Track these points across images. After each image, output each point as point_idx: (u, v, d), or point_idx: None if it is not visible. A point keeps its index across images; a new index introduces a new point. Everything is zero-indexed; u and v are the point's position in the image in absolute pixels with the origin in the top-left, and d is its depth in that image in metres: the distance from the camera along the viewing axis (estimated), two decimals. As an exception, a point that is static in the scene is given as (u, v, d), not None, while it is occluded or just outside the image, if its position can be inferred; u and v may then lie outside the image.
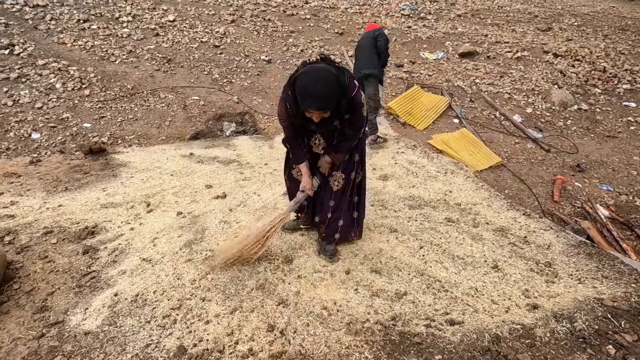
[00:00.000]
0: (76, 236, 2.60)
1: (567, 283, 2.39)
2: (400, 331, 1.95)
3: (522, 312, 2.12)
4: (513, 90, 7.00)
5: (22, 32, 6.64)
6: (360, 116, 1.96)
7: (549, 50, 8.21)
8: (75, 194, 3.20)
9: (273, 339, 1.88)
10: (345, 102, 1.84)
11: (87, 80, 5.89)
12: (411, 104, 6.21)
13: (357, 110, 1.92)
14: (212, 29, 7.97)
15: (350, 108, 1.89)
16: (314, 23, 9.01)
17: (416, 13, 10.06)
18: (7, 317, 1.95)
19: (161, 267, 2.34)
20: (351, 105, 1.87)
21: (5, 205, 2.96)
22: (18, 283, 2.17)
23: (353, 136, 2.07)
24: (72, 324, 1.93)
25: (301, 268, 2.39)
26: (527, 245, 2.78)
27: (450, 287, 2.29)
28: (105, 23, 7.44)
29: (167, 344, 1.82)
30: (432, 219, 3.03)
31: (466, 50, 8.15)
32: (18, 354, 1.76)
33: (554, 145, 5.65)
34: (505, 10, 10.62)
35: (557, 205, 4.66)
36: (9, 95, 5.29)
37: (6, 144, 4.65)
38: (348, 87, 1.83)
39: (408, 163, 4.13)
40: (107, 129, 5.12)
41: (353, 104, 1.87)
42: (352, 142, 2.11)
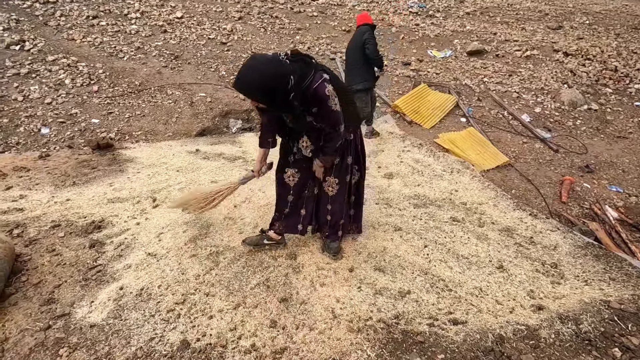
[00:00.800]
0: (83, 230, 2.64)
1: (573, 284, 2.36)
2: (403, 330, 1.95)
3: (526, 312, 2.10)
4: (522, 89, 6.91)
5: (33, 28, 6.72)
6: (329, 110, 1.86)
7: (559, 49, 8.09)
8: (82, 188, 3.24)
9: (275, 335, 1.89)
10: (299, 96, 1.78)
11: (95, 76, 5.95)
12: (418, 102, 6.17)
13: (322, 103, 1.82)
14: (220, 26, 7.98)
15: (314, 101, 1.82)
16: (321, 20, 8.98)
17: (424, 11, 9.98)
18: (15, 308, 1.99)
19: (166, 262, 2.36)
20: (314, 97, 1.80)
21: (15, 199, 3.01)
22: (26, 275, 2.21)
23: (333, 135, 1.97)
24: (78, 316, 1.96)
25: (305, 265, 2.39)
26: (533, 246, 2.76)
27: (454, 287, 2.28)
28: (113, 19, 7.50)
29: (171, 338, 1.84)
30: (437, 218, 3.01)
31: (474, 48, 8.06)
32: (25, 344, 1.79)
33: (562, 146, 5.58)
34: (515, 8, 10.48)
35: (564, 206, 4.60)
36: (19, 91, 5.36)
37: (16, 139, 4.72)
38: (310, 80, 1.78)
39: (414, 161, 4.10)
40: (115, 125, 5.16)
41: (315, 96, 1.80)
42: (335, 142, 2.00)
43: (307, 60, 1.84)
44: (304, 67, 1.80)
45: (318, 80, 1.80)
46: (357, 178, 2.37)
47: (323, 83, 1.81)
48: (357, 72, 4.34)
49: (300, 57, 1.83)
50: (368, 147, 4.47)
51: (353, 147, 2.24)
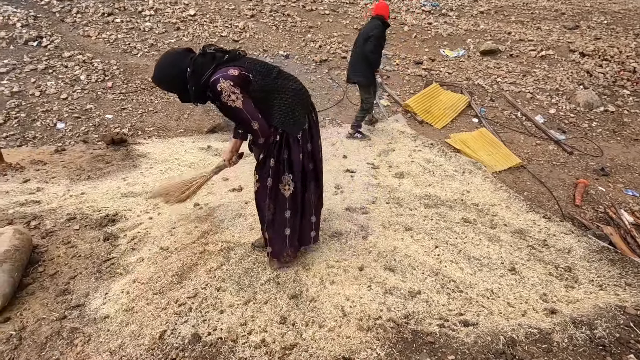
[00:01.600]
0: (97, 223, 2.68)
1: (588, 289, 2.32)
2: (413, 330, 1.94)
3: (539, 316, 2.07)
4: (536, 89, 6.80)
5: (50, 24, 6.85)
6: (226, 106, 1.79)
7: (575, 49, 7.93)
8: (97, 182, 3.30)
9: (285, 331, 1.90)
10: (198, 88, 1.80)
11: (110, 73, 6.04)
12: (429, 102, 6.12)
13: (217, 97, 1.78)
14: (232, 24, 8.03)
15: (213, 94, 1.80)
16: (332, 18, 8.96)
17: (437, 9, 9.88)
18: (32, 298, 2.03)
19: (178, 256, 2.38)
20: (212, 91, 1.78)
21: (32, 191, 3.08)
22: (43, 266, 2.26)
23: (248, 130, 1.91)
24: (92, 307, 2.00)
25: (314, 263, 2.40)
26: (547, 249, 2.71)
27: (465, 288, 2.26)
28: (128, 17, 7.60)
29: (182, 331, 1.87)
30: (448, 219, 2.98)
31: (488, 47, 7.95)
32: (42, 333, 1.83)
33: (577, 148, 5.48)
34: (531, 7, 10.30)
35: (578, 209, 4.52)
36: (36, 86, 5.48)
37: (33, 133, 4.83)
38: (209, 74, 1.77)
39: (425, 161, 4.08)
40: (128, 121, 5.24)
41: (213, 90, 1.77)
42: (253, 137, 1.93)
43: (216, 55, 1.83)
44: (207, 62, 1.79)
45: (217, 74, 1.75)
46: (291, 190, 2.07)
47: (219, 78, 1.74)
48: (357, 67, 4.41)
49: (213, 51, 1.84)
50: (378, 146, 4.47)
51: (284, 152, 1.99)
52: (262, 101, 1.89)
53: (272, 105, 1.92)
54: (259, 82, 1.86)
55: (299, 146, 2.00)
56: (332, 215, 2.93)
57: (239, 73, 1.78)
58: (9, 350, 1.74)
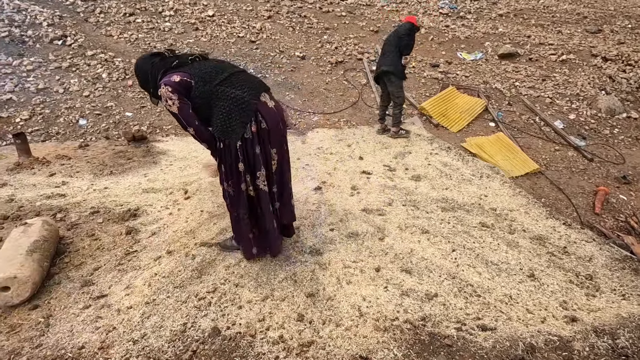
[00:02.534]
0: (120, 217, 2.76)
1: (610, 298, 2.28)
2: (430, 332, 1.94)
3: (559, 323, 2.04)
4: (556, 94, 6.68)
5: (74, 24, 7.05)
6: (168, 109, 1.87)
7: (597, 54, 7.77)
8: (119, 177, 3.38)
9: (303, 329, 1.92)
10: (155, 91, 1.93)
11: (130, 71, 6.18)
12: (445, 105, 6.08)
13: (163, 101, 1.86)
14: (249, 25, 8.12)
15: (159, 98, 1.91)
16: (349, 20, 8.98)
17: (455, 12, 9.80)
18: (58, 287, 2.10)
19: (198, 251, 2.43)
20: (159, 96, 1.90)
21: (57, 185, 3.18)
22: (68, 257, 2.33)
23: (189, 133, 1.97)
24: (115, 299, 2.05)
25: (331, 262, 2.41)
26: (567, 256, 2.67)
27: (482, 293, 2.24)
28: (149, 17, 7.76)
29: (202, 325, 1.90)
30: (465, 223, 2.96)
31: (507, 51, 7.85)
32: (67, 321, 1.90)
33: (597, 155, 5.36)
34: (552, 10, 10.13)
35: (598, 217, 4.42)
36: (60, 83, 5.65)
37: (56, 129, 4.97)
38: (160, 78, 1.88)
39: (442, 165, 4.05)
40: (147, 119, 5.35)
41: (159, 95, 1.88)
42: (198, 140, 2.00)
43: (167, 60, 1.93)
44: (161, 66, 1.91)
45: (162, 80, 1.86)
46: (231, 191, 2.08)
47: (161, 84, 1.84)
48: (387, 56, 4.69)
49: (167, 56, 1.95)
50: (395, 149, 4.46)
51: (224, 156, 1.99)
52: (204, 107, 1.92)
53: (213, 113, 1.92)
54: (200, 88, 1.88)
55: (239, 155, 1.94)
56: (348, 216, 2.94)
57: (179, 79, 1.84)
58: (37, 336, 1.80)
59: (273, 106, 2.02)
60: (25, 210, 2.76)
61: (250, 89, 1.94)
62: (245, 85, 1.94)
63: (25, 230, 2.16)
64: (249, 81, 1.99)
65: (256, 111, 1.92)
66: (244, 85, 1.94)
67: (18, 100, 5.22)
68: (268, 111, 1.97)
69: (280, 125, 2.05)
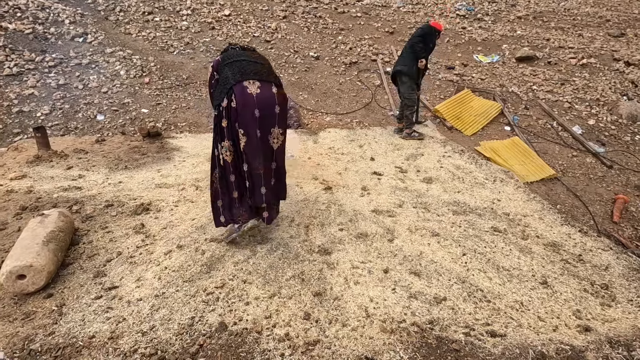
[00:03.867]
0: (133, 211, 2.81)
1: (626, 309, 2.20)
2: (437, 336, 1.91)
3: (572, 332, 1.99)
4: (575, 99, 6.52)
5: (95, 22, 7.23)
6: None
7: (620, 58, 7.55)
8: (133, 172, 3.45)
9: (309, 327, 1.92)
10: None
11: (147, 69, 6.30)
12: (460, 108, 6.00)
13: None
14: (265, 24, 8.18)
15: None
16: (364, 21, 8.95)
17: (472, 14, 9.67)
18: (72, 277, 2.15)
19: (207, 247, 2.46)
20: None
21: (74, 178, 3.26)
22: (82, 248, 2.39)
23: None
24: (126, 290, 2.09)
25: (339, 262, 2.41)
26: (582, 264, 2.60)
27: (493, 298, 2.20)
28: (167, 16, 7.90)
29: (209, 319, 1.92)
30: (477, 227, 2.91)
31: (524, 54, 7.71)
32: (79, 311, 1.94)
33: (617, 162, 5.21)
34: (573, 13, 9.89)
35: (616, 226, 4.30)
36: (80, 80, 5.79)
37: (75, 124, 5.11)
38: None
39: (454, 168, 3.99)
40: (162, 115, 5.45)
41: None
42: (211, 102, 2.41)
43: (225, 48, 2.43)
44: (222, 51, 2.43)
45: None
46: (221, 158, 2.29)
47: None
48: (403, 58, 4.75)
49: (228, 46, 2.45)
50: (407, 150, 4.42)
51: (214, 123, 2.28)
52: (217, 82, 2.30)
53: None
54: (219, 67, 2.32)
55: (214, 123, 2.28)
56: (358, 217, 2.93)
57: (216, 60, 2.37)
58: (50, 324, 1.85)
59: (254, 92, 2.17)
60: (43, 201, 2.84)
61: (239, 74, 2.19)
62: (239, 70, 2.20)
63: (42, 221, 2.22)
64: (245, 68, 2.22)
65: (230, 90, 2.15)
66: (238, 69, 2.21)
67: (39, 95, 5.38)
68: (243, 93, 2.15)
69: (256, 110, 2.18)
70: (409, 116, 4.82)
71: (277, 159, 2.39)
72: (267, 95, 2.21)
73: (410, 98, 4.74)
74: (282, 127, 2.33)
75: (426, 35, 4.60)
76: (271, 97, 2.22)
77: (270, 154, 2.34)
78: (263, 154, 2.28)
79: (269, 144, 2.30)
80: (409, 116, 4.83)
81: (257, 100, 2.17)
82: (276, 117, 2.27)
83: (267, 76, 2.25)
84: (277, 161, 2.40)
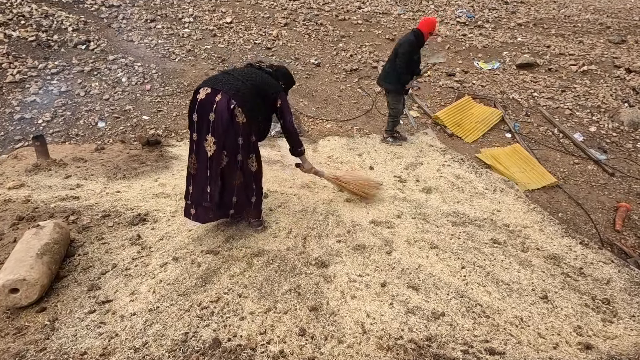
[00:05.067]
0: (129, 222, 2.79)
1: (629, 325, 2.16)
2: (435, 353, 1.88)
3: (572, 350, 1.95)
4: (576, 106, 6.50)
5: (98, 29, 7.28)
6: None
7: (620, 65, 7.53)
8: (131, 181, 3.44)
9: (304, 344, 1.89)
10: None
11: (149, 76, 6.33)
12: (460, 114, 5.98)
13: None
14: (266, 32, 8.21)
15: None
16: (365, 28, 8.98)
17: (472, 21, 9.68)
18: (66, 290, 2.14)
19: (203, 259, 2.44)
20: None
21: (72, 187, 3.25)
22: (77, 260, 2.37)
23: None
24: (120, 304, 2.07)
25: (336, 275, 2.38)
26: (583, 278, 2.56)
27: (492, 313, 2.16)
28: (169, 23, 7.95)
29: (203, 335, 1.90)
30: (476, 239, 2.88)
31: (525, 61, 7.70)
32: (71, 325, 1.92)
33: (619, 169, 5.17)
34: (573, 20, 9.89)
35: (618, 235, 4.25)
36: (82, 87, 5.82)
37: (76, 131, 5.12)
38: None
39: (454, 177, 3.97)
40: (163, 122, 5.45)
41: None
42: None
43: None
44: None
45: None
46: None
47: None
48: (389, 75, 4.52)
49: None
50: (406, 159, 4.40)
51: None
52: None
53: None
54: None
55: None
56: (356, 228, 2.90)
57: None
58: (42, 339, 1.83)
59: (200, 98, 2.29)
60: (39, 211, 2.83)
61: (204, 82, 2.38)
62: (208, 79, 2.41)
63: (37, 233, 2.21)
64: (214, 78, 2.39)
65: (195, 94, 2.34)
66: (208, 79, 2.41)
67: (41, 102, 5.41)
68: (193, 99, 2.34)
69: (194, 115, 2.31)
70: (389, 123, 4.85)
71: (211, 167, 2.38)
72: (209, 101, 2.26)
73: (396, 108, 4.68)
74: (216, 137, 2.29)
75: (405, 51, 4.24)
76: (211, 102, 2.25)
77: (205, 159, 2.37)
78: (196, 155, 2.41)
79: (204, 148, 2.35)
80: (390, 123, 4.85)
81: (198, 105, 2.29)
82: (210, 123, 2.27)
83: (222, 85, 2.28)
84: (210, 169, 2.39)
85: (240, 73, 2.41)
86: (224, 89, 2.26)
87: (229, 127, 2.27)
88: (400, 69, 4.31)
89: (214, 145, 2.31)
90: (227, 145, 2.33)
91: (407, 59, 4.26)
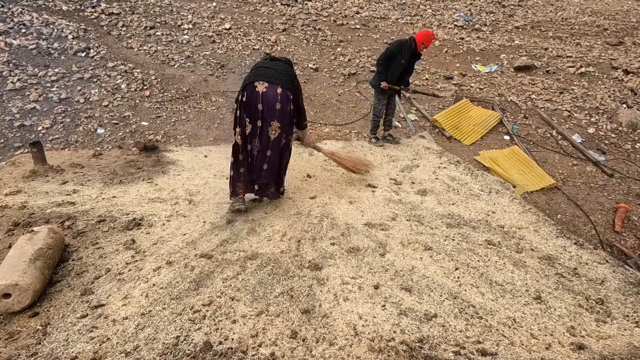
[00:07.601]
0: (124, 227, 2.81)
1: (622, 325, 2.15)
2: (426, 355, 1.87)
3: (565, 351, 1.94)
4: (574, 107, 6.50)
5: (98, 37, 7.37)
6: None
7: (618, 66, 7.53)
8: (128, 186, 3.47)
9: (295, 347, 1.89)
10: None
11: (148, 82, 6.38)
12: (458, 117, 5.99)
13: None
14: (264, 37, 8.29)
15: None
16: (363, 33, 9.04)
17: (470, 24, 9.73)
18: (59, 295, 2.15)
19: (197, 263, 2.44)
20: None
21: (68, 193, 3.28)
22: (71, 265, 2.38)
23: None
24: (112, 309, 2.08)
25: (329, 278, 2.38)
26: (577, 278, 2.55)
27: (485, 315, 2.15)
28: (168, 30, 8.03)
29: (195, 338, 1.90)
30: (470, 240, 2.88)
31: (523, 63, 7.72)
32: (64, 330, 1.93)
33: (618, 170, 5.16)
34: (570, 22, 9.92)
35: (618, 235, 4.24)
36: (81, 93, 5.88)
37: (75, 137, 5.16)
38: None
39: (449, 179, 3.97)
40: (162, 128, 5.49)
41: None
42: None
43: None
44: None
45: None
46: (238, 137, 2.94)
47: None
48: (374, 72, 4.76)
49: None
50: (402, 162, 4.41)
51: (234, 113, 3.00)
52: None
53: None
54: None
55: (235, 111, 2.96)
56: (350, 230, 2.91)
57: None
58: (34, 344, 1.84)
59: (261, 91, 2.75)
60: (35, 217, 2.85)
61: (253, 76, 2.82)
62: (254, 73, 2.85)
63: (31, 238, 2.23)
64: (259, 72, 2.84)
65: (244, 89, 2.82)
66: (254, 73, 2.85)
67: (41, 109, 5.46)
68: (252, 91, 2.78)
69: (259, 104, 2.77)
70: (371, 122, 4.95)
71: (272, 147, 2.88)
72: (271, 94, 2.75)
73: (377, 108, 4.79)
74: (280, 121, 2.81)
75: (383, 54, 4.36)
76: (274, 95, 2.76)
77: (267, 143, 2.85)
78: (259, 140, 2.85)
79: (268, 134, 2.83)
80: (371, 123, 4.94)
81: (262, 97, 2.75)
82: (276, 112, 2.78)
83: (275, 79, 2.78)
84: (271, 149, 2.88)
85: (277, 66, 2.89)
86: (280, 83, 2.77)
87: (289, 114, 2.86)
88: (379, 66, 4.42)
89: (278, 129, 2.83)
90: (286, 129, 2.87)
91: (387, 55, 4.35)
